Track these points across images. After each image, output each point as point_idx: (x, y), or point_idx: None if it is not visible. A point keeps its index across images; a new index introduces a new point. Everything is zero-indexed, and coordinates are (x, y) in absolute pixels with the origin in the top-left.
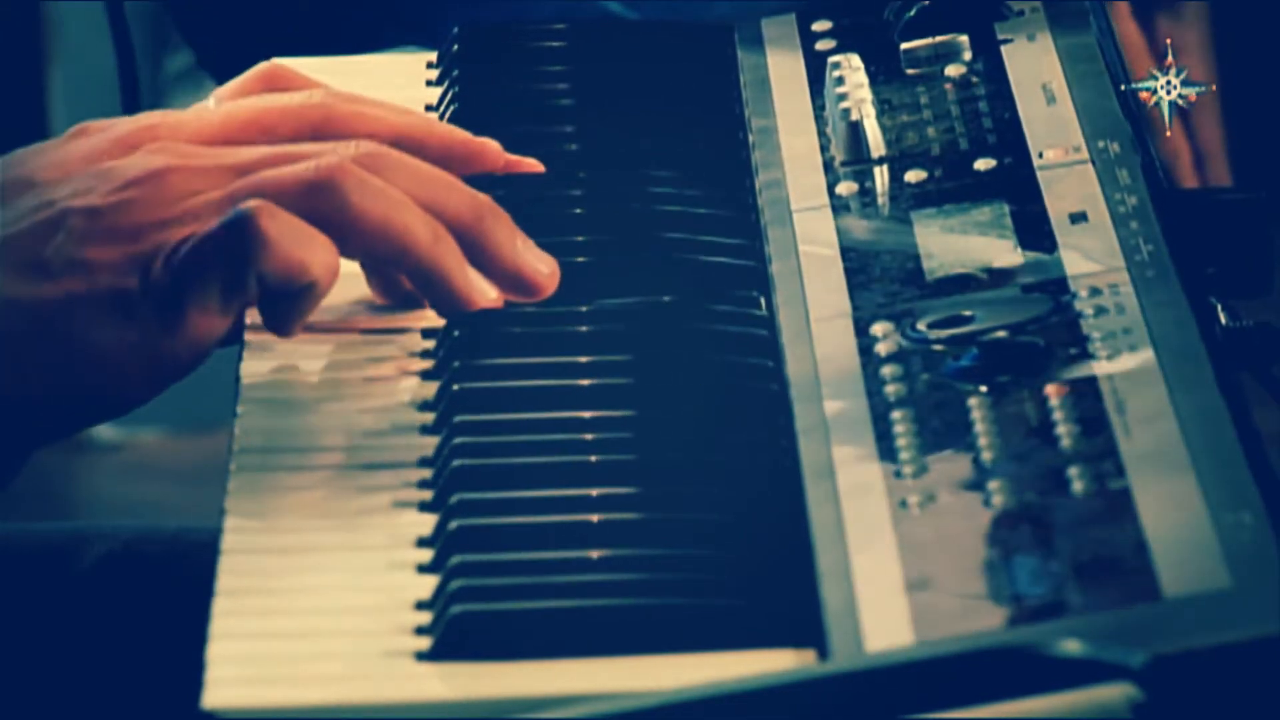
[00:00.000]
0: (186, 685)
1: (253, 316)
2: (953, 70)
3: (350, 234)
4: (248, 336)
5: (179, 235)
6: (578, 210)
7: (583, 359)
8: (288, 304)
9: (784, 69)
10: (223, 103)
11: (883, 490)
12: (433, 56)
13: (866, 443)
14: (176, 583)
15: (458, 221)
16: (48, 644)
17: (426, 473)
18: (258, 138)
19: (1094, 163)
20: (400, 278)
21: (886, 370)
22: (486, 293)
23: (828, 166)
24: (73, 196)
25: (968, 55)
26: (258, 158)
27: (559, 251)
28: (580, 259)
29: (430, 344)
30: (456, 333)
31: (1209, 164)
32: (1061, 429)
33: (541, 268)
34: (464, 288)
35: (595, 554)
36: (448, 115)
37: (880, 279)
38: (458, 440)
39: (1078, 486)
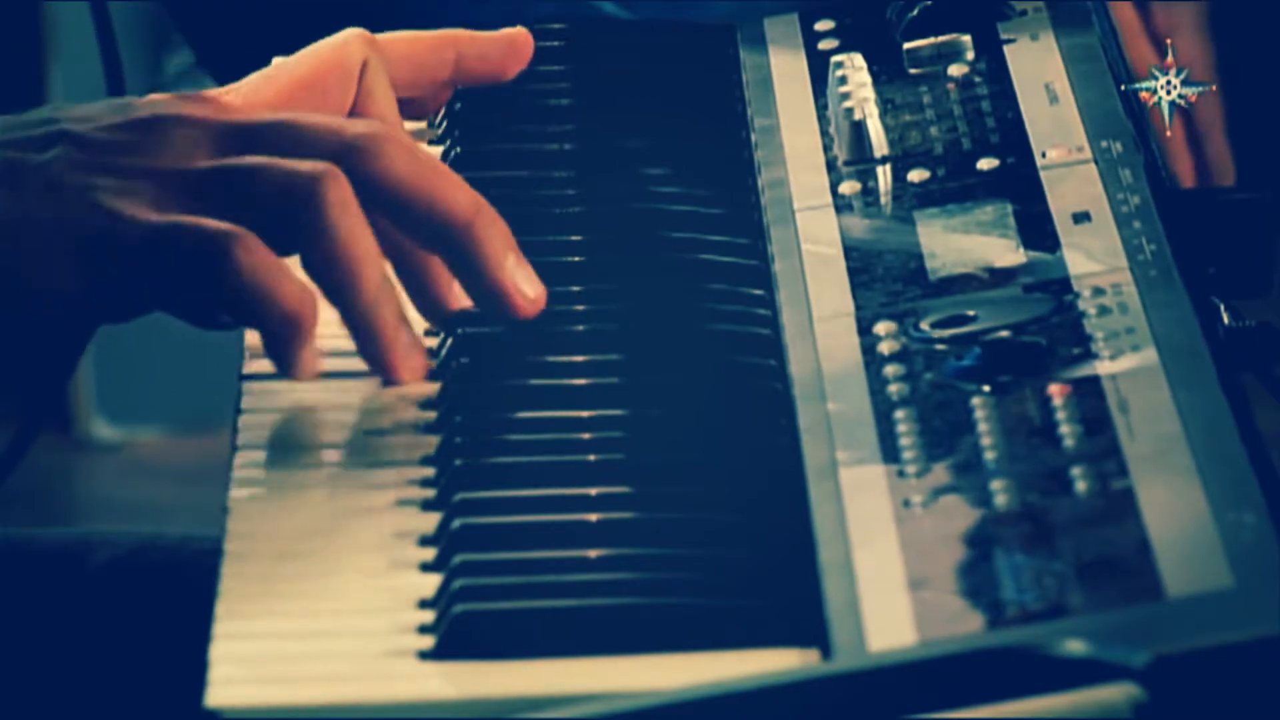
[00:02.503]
0: (190, 687)
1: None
2: (955, 70)
3: (306, 248)
4: (249, 337)
5: (156, 193)
6: (579, 210)
7: (585, 358)
8: (275, 346)
9: (787, 68)
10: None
11: (885, 489)
12: None
13: (869, 442)
14: (181, 588)
15: (450, 219)
16: (53, 647)
17: (429, 471)
18: (304, 97)
19: (1097, 162)
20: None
21: (889, 370)
22: (411, 367)
23: (830, 166)
24: (74, 121)
25: (970, 55)
26: (264, 126)
27: (560, 251)
28: (582, 258)
29: (433, 342)
30: (460, 331)
31: (1211, 164)
32: (1064, 429)
33: (527, 290)
34: (388, 350)
35: (597, 553)
36: (450, 114)
37: (883, 278)
38: (460, 439)
39: (1080, 486)
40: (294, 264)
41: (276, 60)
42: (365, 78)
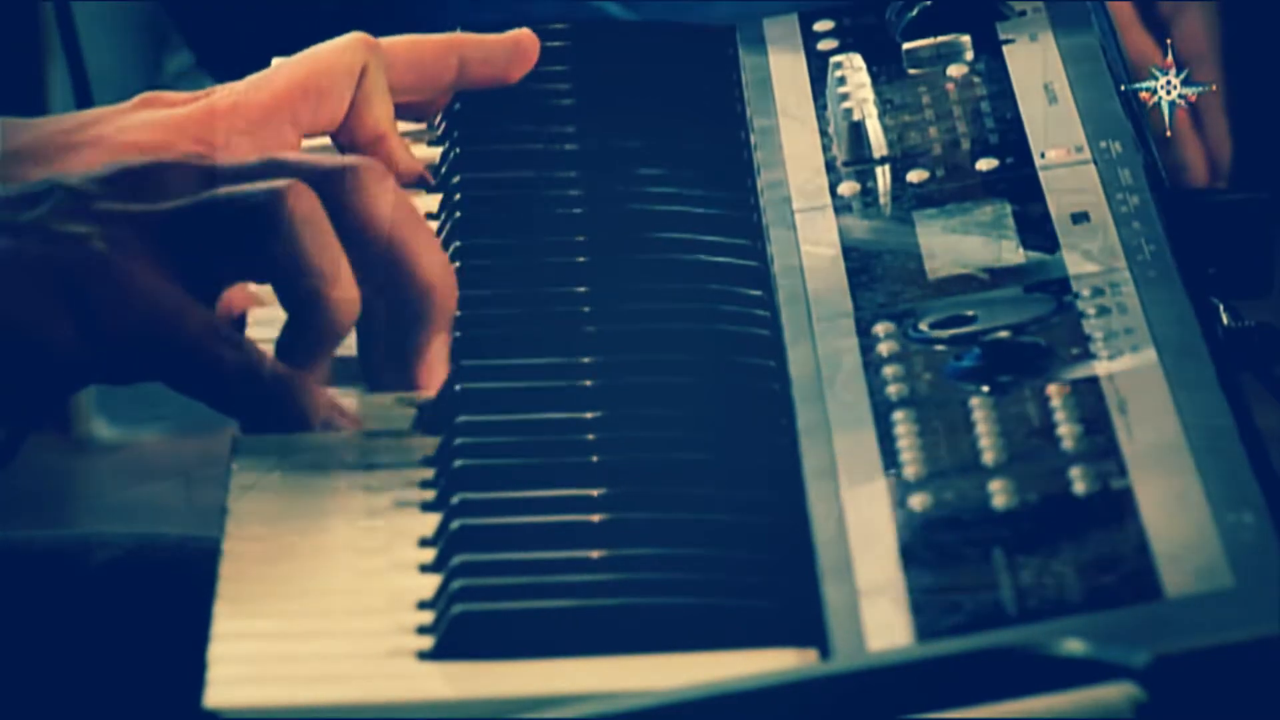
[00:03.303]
0: (190, 687)
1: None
2: (955, 70)
3: (271, 261)
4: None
5: (137, 236)
6: (579, 210)
7: (584, 359)
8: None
9: (786, 69)
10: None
11: (884, 490)
12: None
13: (868, 442)
14: (181, 588)
15: (415, 277)
16: (53, 648)
17: (429, 472)
18: (288, 120)
19: (1096, 163)
20: None
21: (888, 370)
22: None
23: (830, 166)
24: (66, 178)
25: (969, 55)
26: (249, 167)
27: (561, 252)
28: (582, 259)
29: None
30: (459, 333)
31: (1210, 164)
32: (1063, 429)
33: (437, 374)
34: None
35: (596, 554)
36: (450, 114)
37: (882, 279)
38: (460, 440)
39: (1079, 486)
40: None
41: (276, 61)
42: (364, 83)
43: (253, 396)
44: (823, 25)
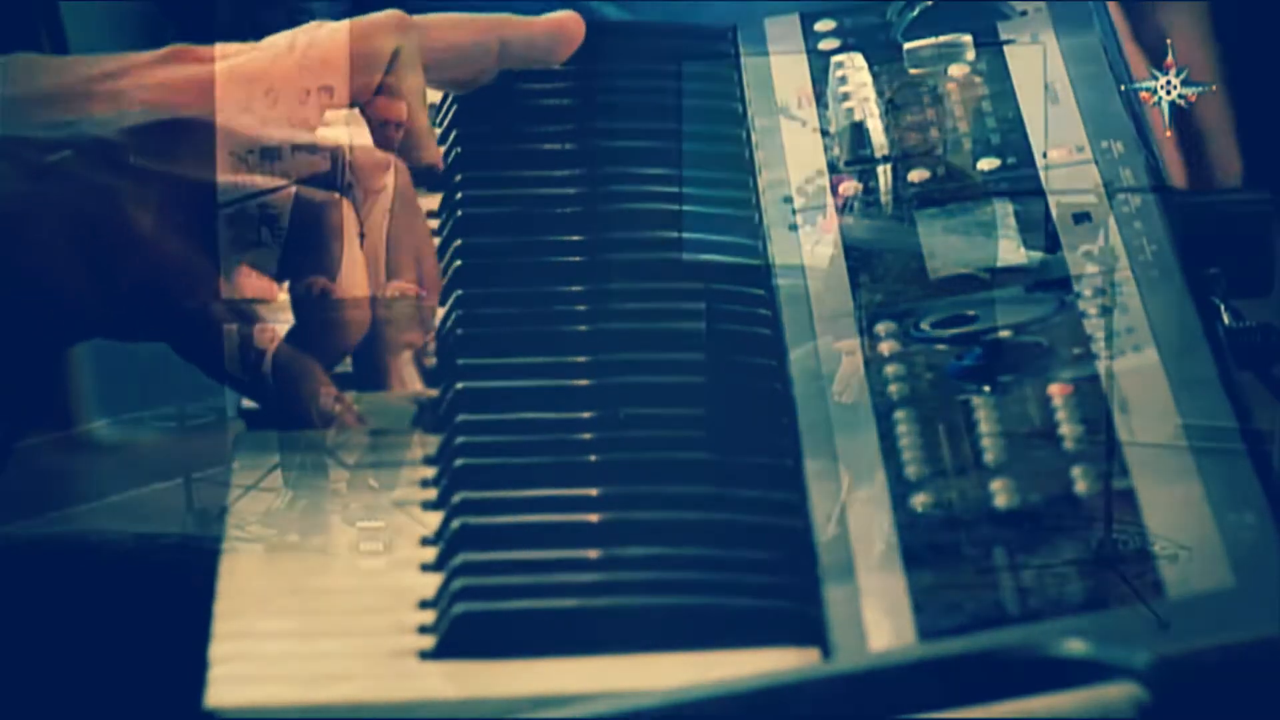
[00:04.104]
0: (190, 687)
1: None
2: (956, 70)
3: (288, 271)
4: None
5: (169, 199)
6: (579, 210)
7: (585, 358)
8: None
9: (787, 68)
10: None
11: (885, 489)
12: None
13: (869, 442)
14: (180, 589)
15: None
16: (53, 647)
17: (430, 472)
18: (313, 90)
19: (1097, 163)
20: None
21: (889, 369)
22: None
23: (831, 166)
24: (94, 125)
25: (971, 55)
26: (282, 149)
27: (561, 251)
28: (582, 259)
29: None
30: (460, 332)
31: (1212, 164)
32: (1065, 429)
33: (405, 382)
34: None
35: (597, 553)
36: (450, 114)
37: (883, 278)
38: (461, 439)
39: (1081, 486)
40: None
41: (309, 26)
42: (396, 64)
43: (255, 375)
44: (824, 25)
